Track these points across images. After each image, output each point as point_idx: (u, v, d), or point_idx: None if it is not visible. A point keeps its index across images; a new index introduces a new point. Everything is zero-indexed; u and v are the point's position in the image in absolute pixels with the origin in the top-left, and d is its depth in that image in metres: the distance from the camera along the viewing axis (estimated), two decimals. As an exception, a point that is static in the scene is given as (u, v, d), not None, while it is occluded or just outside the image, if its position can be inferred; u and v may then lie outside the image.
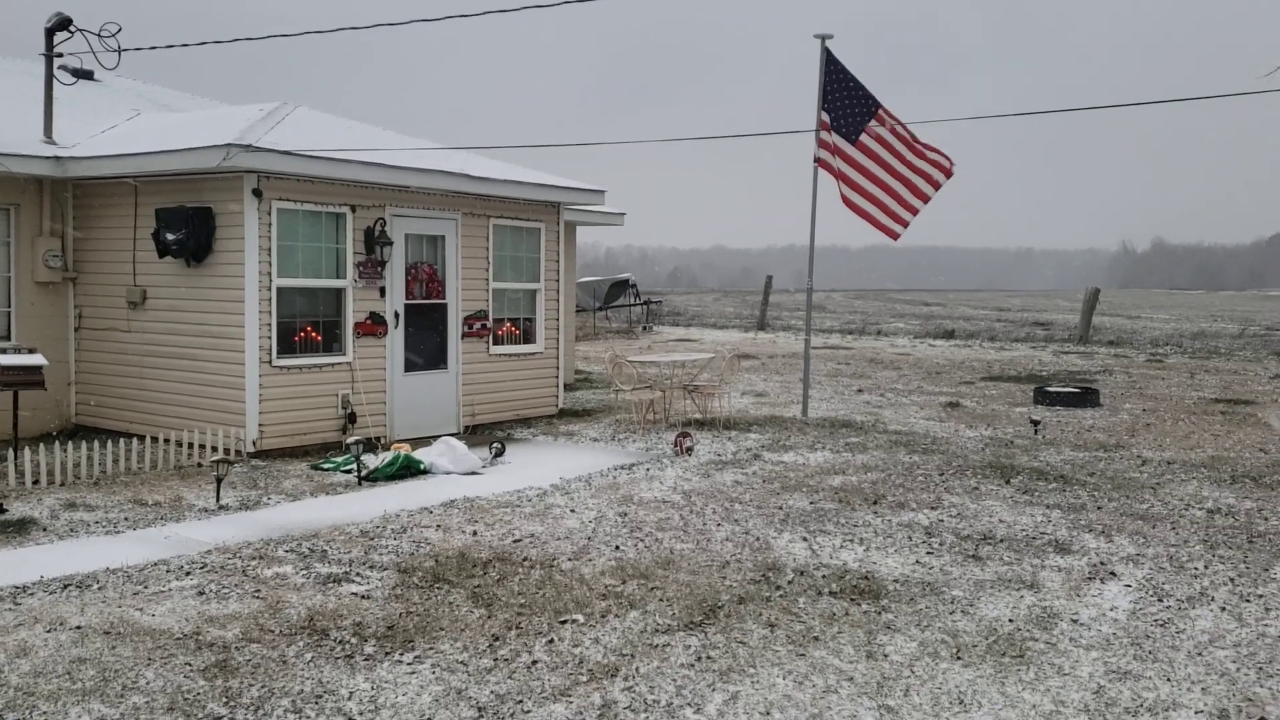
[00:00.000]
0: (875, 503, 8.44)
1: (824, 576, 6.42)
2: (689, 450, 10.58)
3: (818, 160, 12.67)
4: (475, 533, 7.41)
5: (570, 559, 6.75)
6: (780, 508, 8.25)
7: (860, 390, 16.42)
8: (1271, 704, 4.68)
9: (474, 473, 9.59)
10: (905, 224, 12.76)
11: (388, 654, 5.15)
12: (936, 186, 12.68)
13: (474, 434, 11.68)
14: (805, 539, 7.31)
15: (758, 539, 7.30)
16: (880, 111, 12.51)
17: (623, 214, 17.90)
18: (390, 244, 11.00)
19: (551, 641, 5.31)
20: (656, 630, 5.48)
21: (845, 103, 12.49)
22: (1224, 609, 5.95)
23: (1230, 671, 5.05)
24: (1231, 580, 6.48)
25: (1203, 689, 4.84)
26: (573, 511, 8.06)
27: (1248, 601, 6.08)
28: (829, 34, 12.61)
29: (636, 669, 4.98)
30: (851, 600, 6.00)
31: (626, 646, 5.25)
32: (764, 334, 31.41)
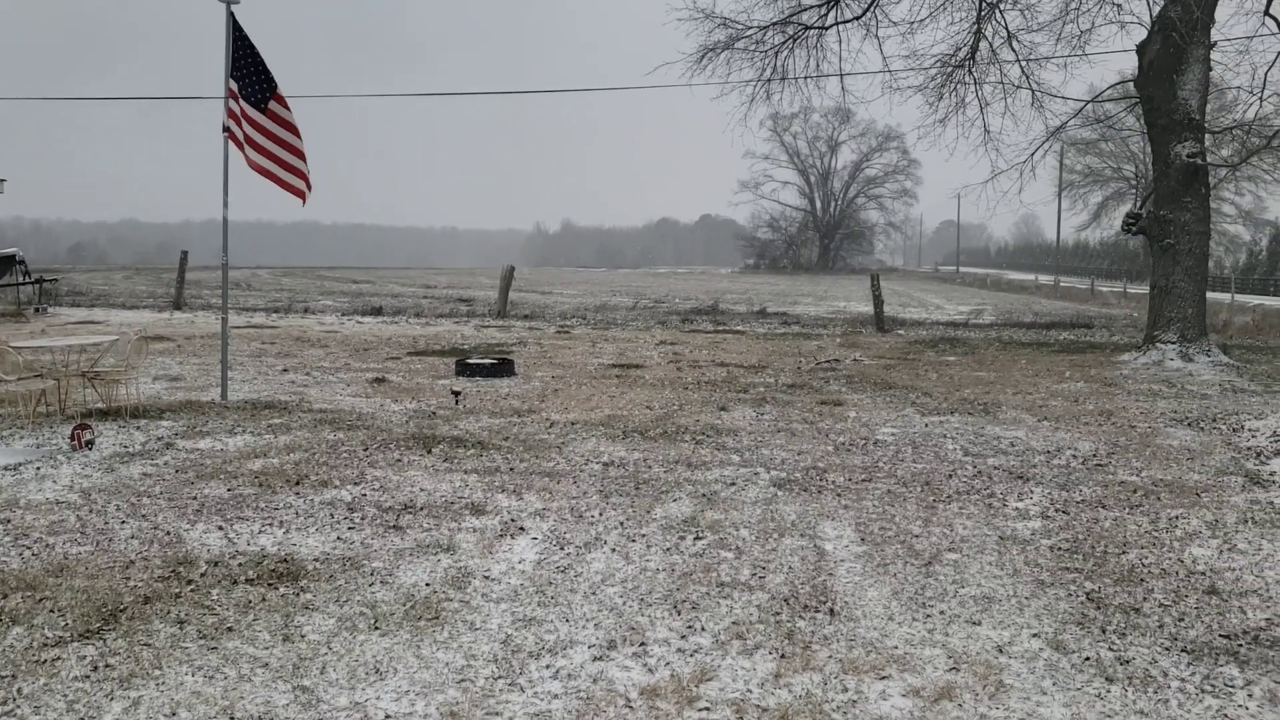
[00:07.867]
0: (298, 484, 8.29)
1: (240, 564, 6.18)
2: (89, 444, 9.59)
3: (226, 130, 12.07)
4: None
5: (-66, 578, 5.81)
6: (195, 498, 7.78)
7: (285, 370, 15.99)
8: (651, 630, 5.33)
9: None
10: (305, 194, 12.49)
11: None
12: (301, 195, 12.48)
13: None
14: (221, 528, 6.98)
15: (168, 533, 6.82)
16: (278, 94, 12.21)
17: (2, 180, 15.72)
18: None
19: (-94, 677, 4.54)
20: (45, 644, 4.91)
21: (252, 70, 12.02)
22: (614, 550, 6.66)
23: (619, 606, 5.67)
24: (621, 524, 7.28)
25: (595, 625, 5.38)
26: (-62, 523, 6.95)
27: (633, 541, 6.87)
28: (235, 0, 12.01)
29: (19, 690, 4.43)
30: (269, 585, 5.83)
31: (7, 667, 4.65)
32: (181, 314, 29.36)
